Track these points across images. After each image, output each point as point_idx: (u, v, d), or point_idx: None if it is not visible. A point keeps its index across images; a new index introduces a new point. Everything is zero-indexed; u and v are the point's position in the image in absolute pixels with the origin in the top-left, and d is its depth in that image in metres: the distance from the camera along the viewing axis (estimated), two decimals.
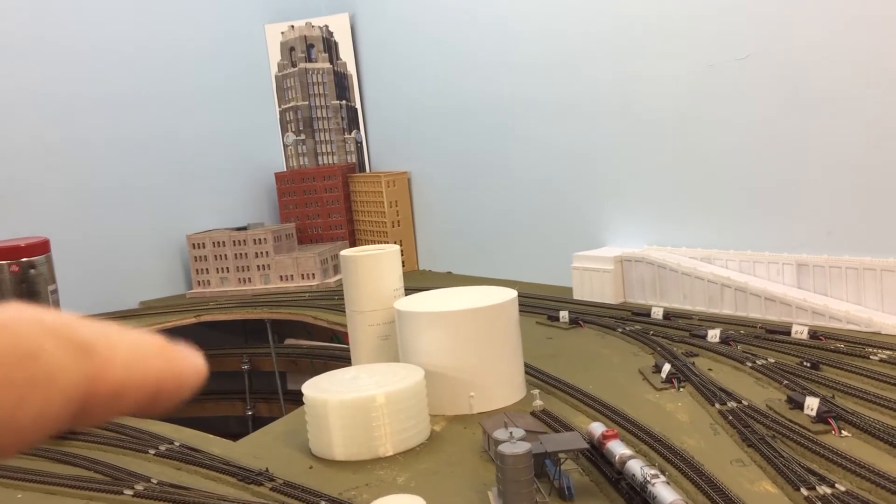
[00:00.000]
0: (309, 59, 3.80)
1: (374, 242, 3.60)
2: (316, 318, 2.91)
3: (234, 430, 3.31)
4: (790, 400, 1.58)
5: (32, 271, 2.91)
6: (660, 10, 2.52)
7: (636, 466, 1.26)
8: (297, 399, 3.12)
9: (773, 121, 2.29)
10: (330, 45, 3.79)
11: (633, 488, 1.26)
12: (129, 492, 1.52)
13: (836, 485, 1.23)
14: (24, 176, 3.24)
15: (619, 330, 2.25)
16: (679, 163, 2.56)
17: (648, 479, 1.21)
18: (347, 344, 2.77)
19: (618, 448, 1.35)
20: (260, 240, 3.43)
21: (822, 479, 1.25)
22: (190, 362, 0.38)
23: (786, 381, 1.69)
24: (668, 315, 2.31)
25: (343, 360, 2.72)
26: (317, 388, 1.66)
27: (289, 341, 3.37)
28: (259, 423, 3.12)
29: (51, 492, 1.58)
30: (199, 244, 3.47)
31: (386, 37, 3.65)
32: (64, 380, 0.32)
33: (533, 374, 1.94)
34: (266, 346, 3.26)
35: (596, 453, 1.42)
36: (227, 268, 3.45)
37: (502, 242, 3.24)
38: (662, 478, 1.21)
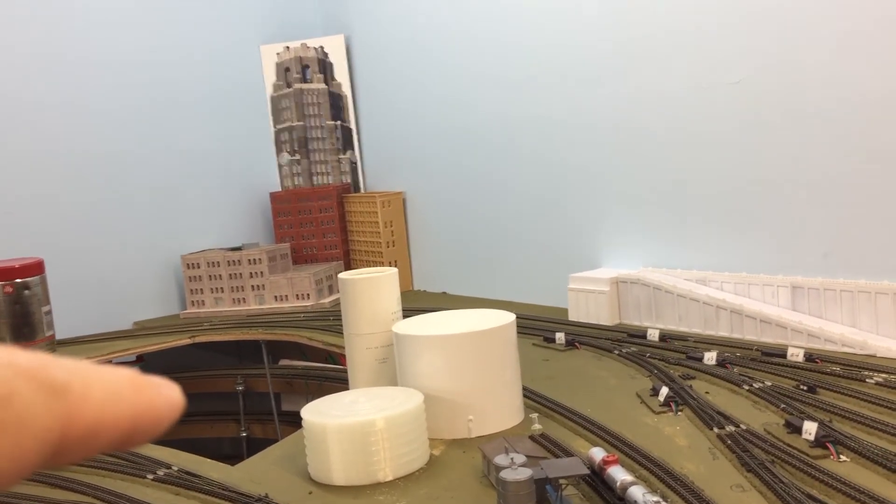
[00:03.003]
0: (304, 80, 3.82)
1: (369, 263, 3.60)
2: (311, 339, 2.91)
3: (228, 451, 3.30)
4: (788, 424, 1.59)
5: (27, 292, 2.90)
6: (657, 31, 2.55)
7: (638, 493, 1.26)
8: (291, 420, 3.14)
9: (768, 143, 2.31)
10: (325, 66, 3.81)
11: None
12: None
13: None
14: (16, 196, 3.23)
15: (616, 352, 2.25)
16: (674, 185, 2.58)
17: None
18: (342, 365, 2.77)
19: (619, 474, 1.35)
20: (255, 260, 3.43)
21: None
22: (165, 395, 0.37)
23: (783, 405, 1.70)
24: (664, 337, 2.32)
25: (338, 381, 2.72)
26: (316, 412, 1.65)
27: (283, 362, 3.36)
28: (253, 444, 3.12)
29: None
30: (193, 264, 3.46)
31: (381, 58, 3.67)
32: (37, 423, 0.31)
33: (531, 396, 1.94)
34: (261, 366, 3.25)
35: (597, 479, 1.42)
36: (222, 288, 3.45)
37: (497, 263, 3.25)
38: None
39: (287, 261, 3.58)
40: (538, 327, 2.58)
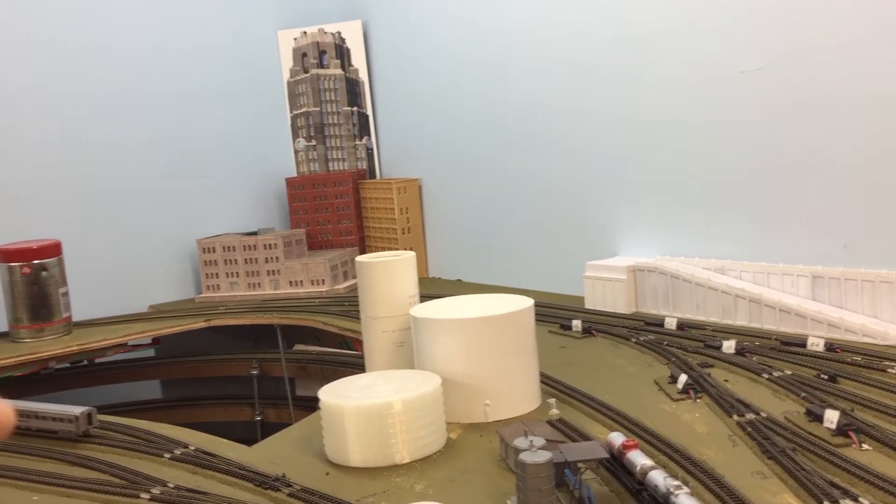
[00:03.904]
0: (321, 66, 3.81)
1: (384, 249, 3.59)
2: (326, 324, 2.91)
3: (241, 435, 3.30)
4: (809, 412, 1.57)
5: (44, 273, 2.91)
6: (678, 20, 2.52)
7: (659, 478, 1.25)
8: (306, 405, 3.14)
9: (788, 132, 2.29)
10: (342, 52, 3.80)
11: (655, 499, 1.26)
12: (145, 496, 1.51)
13: (860, 498, 1.22)
14: (36, 179, 3.24)
15: (633, 340, 2.24)
16: (693, 173, 2.56)
17: (672, 490, 1.20)
18: (357, 350, 2.77)
19: (639, 458, 1.34)
20: (270, 245, 3.43)
21: (846, 493, 1.24)
22: None
23: (804, 394, 1.68)
24: (681, 325, 2.31)
25: (353, 366, 2.72)
26: (333, 394, 1.65)
27: (298, 347, 3.36)
28: (267, 428, 3.12)
29: (68, 495, 1.57)
30: (209, 249, 3.46)
31: (398, 44, 3.65)
32: None
33: (548, 382, 1.93)
34: (275, 351, 3.25)
35: (616, 463, 1.42)
36: (238, 273, 3.45)
37: (513, 250, 3.24)
38: (686, 489, 1.20)
39: (302, 246, 3.58)
40: (554, 315, 2.57)
